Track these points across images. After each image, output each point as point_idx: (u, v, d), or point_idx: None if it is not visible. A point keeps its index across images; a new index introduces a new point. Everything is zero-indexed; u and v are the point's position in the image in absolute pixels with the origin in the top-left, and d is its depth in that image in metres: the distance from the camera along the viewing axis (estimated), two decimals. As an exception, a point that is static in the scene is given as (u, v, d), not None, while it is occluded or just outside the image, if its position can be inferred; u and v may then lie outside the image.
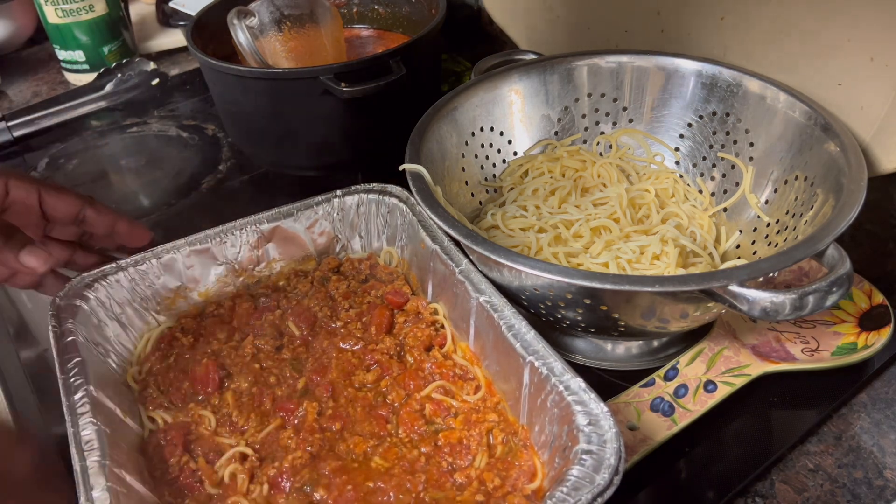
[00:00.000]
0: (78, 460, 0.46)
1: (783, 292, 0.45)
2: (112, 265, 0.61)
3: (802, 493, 0.53)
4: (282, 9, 0.85)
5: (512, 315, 0.53)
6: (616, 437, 0.44)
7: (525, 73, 0.72)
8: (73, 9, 1.08)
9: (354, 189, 0.68)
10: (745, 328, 0.64)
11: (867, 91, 0.60)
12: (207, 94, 0.91)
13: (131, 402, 0.56)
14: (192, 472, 0.51)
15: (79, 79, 1.15)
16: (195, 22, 0.91)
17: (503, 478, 0.49)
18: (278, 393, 0.57)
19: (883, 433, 0.57)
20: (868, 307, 0.64)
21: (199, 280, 0.64)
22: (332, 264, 0.68)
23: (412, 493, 0.49)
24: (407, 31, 1.03)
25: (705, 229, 0.65)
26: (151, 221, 0.85)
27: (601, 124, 0.74)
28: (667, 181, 0.69)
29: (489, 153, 0.72)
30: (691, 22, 0.72)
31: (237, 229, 0.64)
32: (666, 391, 0.58)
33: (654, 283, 0.47)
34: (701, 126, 0.70)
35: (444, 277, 0.60)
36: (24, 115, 0.99)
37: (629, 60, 0.72)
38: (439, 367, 0.57)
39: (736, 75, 0.67)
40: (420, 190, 0.58)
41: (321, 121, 0.82)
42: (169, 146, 1.00)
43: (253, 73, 0.80)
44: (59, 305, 0.57)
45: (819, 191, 0.57)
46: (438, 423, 0.54)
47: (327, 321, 0.63)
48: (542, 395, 0.49)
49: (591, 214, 0.64)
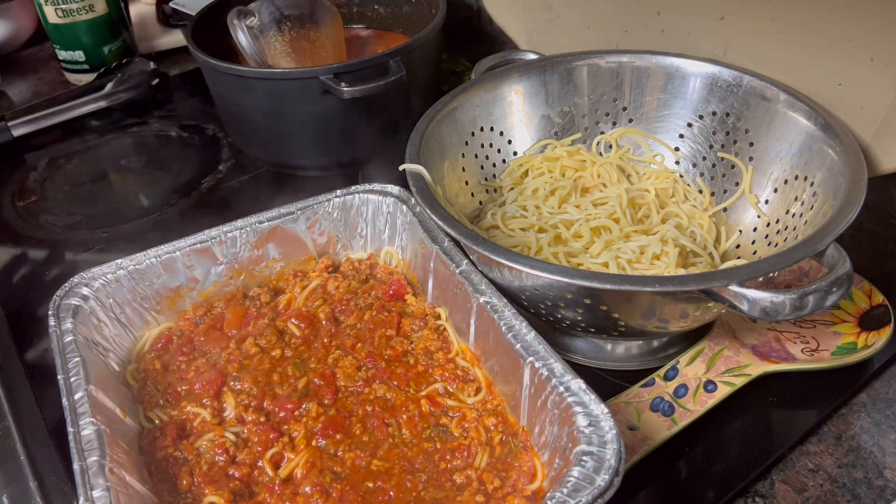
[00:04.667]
0: (78, 460, 0.46)
1: (783, 292, 0.45)
2: (112, 265, 0.61)
3: (802, 493, 0.53)
4: (282, 9, 0.85)
5: (512, 316, 0.53)
6: (616, 439, 0.44)
7: (525, 73, 0.72)
8: (73, 9, 1.08)
9: (354, 189, 0.68)
10: (745, 328, 0.64)
11: (867, 91, 0.60)
12: (207, 94, 0.91)
13: (131, 402, 0.56)
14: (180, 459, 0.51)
15: (79, 79, 1.15)
16: (195, 22, 0.91)
17: (503, 479, 0.49)
18: (279, 392, 0.57)
19: (883, 433, 0.57)
20: (868, 307, 0.64)
21: (199, 280, 0.64)
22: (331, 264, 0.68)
23: (412, 492, 0.49)
24: (407, 31, 1.03)
25: (705, 229, 0.65)
26: (151, 221, 0.85)
27: (601, 124, 0.74)
28: (667, 181, 0.69)
29: (489, 153, 0.72)
30: (691, 22, 0.72)
31: (237, 229, 0.64)
32: (666, 391, 0.58)
33: (654, 283, 0.47)
34: (701, 126, 0.70)
35: (445, 278, 0.60)
36: (24, 115, 0.99)
37: (629, 60, 0.72)
38: (441, 369, 0.58)
39: (736, 75, 0.67)
40: (420, 190, 0.58)
41: (321, 121, 0.82)
42: (169, 146, 1.00)
43: (253, 73, 0.80)
44: (59, 305, 0.57)
45: (819, 191, 0.57)
46: (439, 425, 0.54)
47: (328, 321, 0.63)
48: (543, 396, 0.49)
49: (591, 214, 0.64)
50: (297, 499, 0.49)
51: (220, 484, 0.50)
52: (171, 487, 0.50)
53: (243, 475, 0.51)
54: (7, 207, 0.90)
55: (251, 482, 0.51)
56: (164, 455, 0.52)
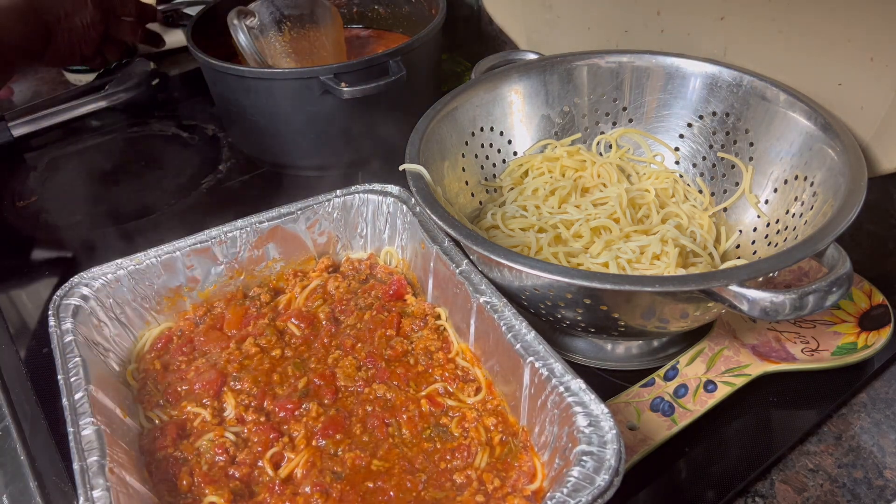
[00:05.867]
0: (78, 460, 0.46)
1: (783, 292, 0.45)
2: (112, 265, 0.61)
3: (802, 493, 0.53)
4: (282, 9, 0.85)
5: (512, 316, 0.53)
6: (616, 439, 0.44)
7: (525, 73, 0.72)
8: (73, 9, 1.08)
9: (354, 189, 0.68)
10: (745, 328, 0.64)
11: (867, 91, 0.60)
12: (207, 94, 0.91)
13: (131, 402, 0.56)
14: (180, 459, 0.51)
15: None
16: (195, 22, 0.91)
17: (503, 479, 0.49)
18: (279, 392, 0.57)
19: (883, 433, 0.57)
20: (868, 307, 0.64)
21: (199, 280, 0.64)
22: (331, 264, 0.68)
23: (412, 493, 0.49)
24: (407, 31, 1.03)
25: (705, 229, 0.65)
26: (151, 221, 0.85)
27: (601, 124, 0.74)
28: (667, 181, 0.69)
29: (489, 153, 0.72)
30: (691, 22, 0.72)
31: (237, 229, 0.64)
32: (666, 391, 0.58)
33: (654, 283, 0.47)
34: (701, 126, 0.70)
35: (445, 278, 0.60)
36: (24, 115, 0.99)
37: (629, 60, 0.72)
38: (441, 369, 0.58)
39: (736, 75, 0.67)
40: (420, 190, 0.58)
41: (321, 121, 0.82)
42: (169, 146, 1.00)
43: (253, 73, 0.80)
44: (59, 305, 0.57)
45: (819, 191, 0.57)
46: (439, 425, 0.54)
47: (328, 321, 0.63)
48: (543, 395, 0.49)
49: (591, 214, 0.64)
50: (297, 499, 0.49)
51: (220, 484, 0.50)
52: (171, 487, 0.50)
53: (243, 475, 0.51)
54: (7, 207, 0.90)
55: (251, 482, 0.51)
56: (164, 455, 0.52)
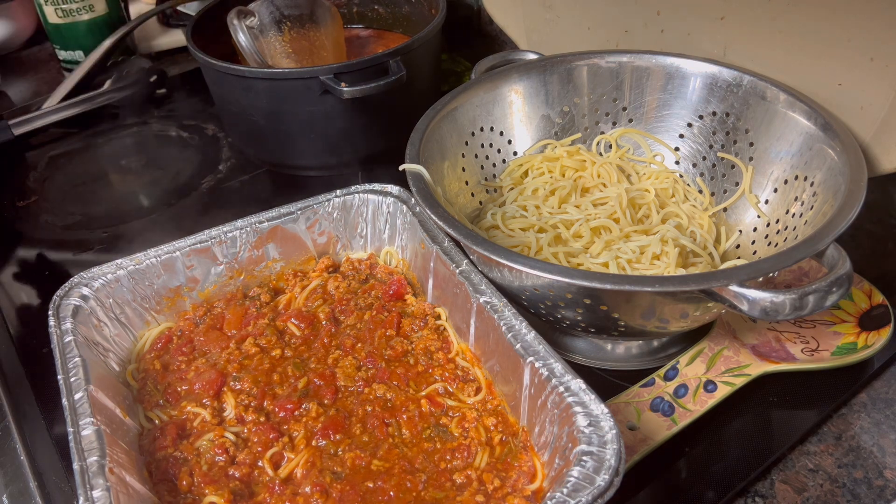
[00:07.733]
0: (78, 460, 0.46)
1: (783, 292, 0.45)
2: (112, 265, 0.61)
3: (802, 493, 0.53)
4: (282, 9, 0.85)
5: (512, 316, 0.53)
6: (616, 439, 0.44)
7: (525, 73, 0.72)
8: (73, 9, 1.08)
9: (354, 189, 0.68)
10: (745, 328, 0.64)
11: (867, 91, 0.60)
12: (207, 94, 0.91)
13: (131, 401, 0.56)
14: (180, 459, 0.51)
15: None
16: (195, 22, 0.91)
17: (503, 479, 0.49)
18: (279, 392, 0.57)
19: (883, 433, 0.57)
20: (868, 307, 0.64)
21: (199, 280, 0.64)
22: (331, 264, 0.68)
23: (412, 492, 0.49)
24: (407, 31, 1.03)
25: (705, 229, 0.65)
26: (151, 221, 0.85)
27: (601, 124, 0.74)
28: (667, 181, 0.69)
29: (489, 153, 0.72)
30: (691, 22, 0.72)
31: (237, 229, 0.64)
32: (666, 391, 0.58)
33: (654, 283, 0.47)
34: (701, 126, 0.70)
35: (445, 278, 0.60)
36: (24, 114, 0.99)
37: (629, 60, 0.72)
38: (441, 369, 0.58)
39: (736, 75, 0.67)
40: (420, 190, 0.58)
41: (321, 121, 0.82)
42: (169, 146, 1.00)
43: (253, 73, 0.80)
44: (58, 305, 0.57)
45: (819, 191, 0.57)
46: (439, 425, 0.54)
47: (328, 321, 0.63)
48: (543, 396, 0.49)
49: (591, 214, 0.64)
50: (297, 499, 0.49)
51: (220, 484, 0.50)
52: (171, 487, 0.50)
53: (243, 475, 0.51)
54: (7, 207, 0.90)
55: (251, 482, 0.51)
56: (164, 455, 0.52)
